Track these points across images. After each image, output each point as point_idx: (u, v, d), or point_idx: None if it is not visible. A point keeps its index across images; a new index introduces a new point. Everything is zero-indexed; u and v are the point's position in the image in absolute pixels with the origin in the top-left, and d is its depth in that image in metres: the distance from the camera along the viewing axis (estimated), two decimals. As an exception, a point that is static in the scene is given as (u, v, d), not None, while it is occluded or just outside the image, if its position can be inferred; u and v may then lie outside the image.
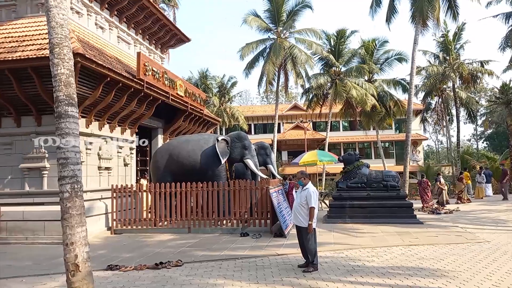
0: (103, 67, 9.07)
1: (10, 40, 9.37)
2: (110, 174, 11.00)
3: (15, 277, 6.01)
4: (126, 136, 11.95)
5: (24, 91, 8.95)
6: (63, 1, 5.25)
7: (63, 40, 5.15)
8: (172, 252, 7.53)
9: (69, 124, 5.10)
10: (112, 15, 12.96)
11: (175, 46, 17.86)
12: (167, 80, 12.46)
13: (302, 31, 26.43)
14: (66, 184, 4.91)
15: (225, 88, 35.99)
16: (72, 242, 4.71)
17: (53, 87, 5.04)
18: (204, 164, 10.92)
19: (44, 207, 9.18)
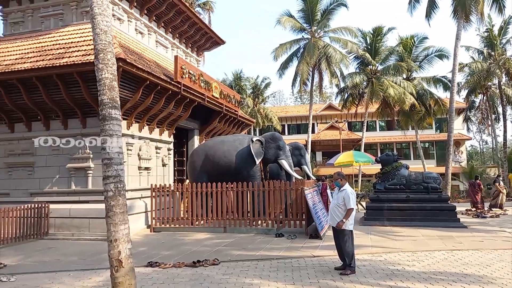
0: (143, 71, 9.40)
1: (58, 47, 9.95)
2: (149, 174, 11.37)
3: (63, 271, 6.36)
4: (164, 137, 12.31)
5: (71, 95, 9.46)
6: (107, 8, 5.51)
7: (107, 46, 5.40)
8: (209, 251, 7.66)
9: (113, 126, 5.31)
10: (151, 21, 13.42)
11: (210, 48, 18.18)
12: (203, 82, 12.72)
13: (337, 29, 26.00)
14: (110, 184, 5.12)
15: (258, 89, 36.14)
16: (116, 239, 4.92)
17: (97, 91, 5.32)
18: (239, 164, 11.03)
19: (89, 205, 9.66)
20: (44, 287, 5.45)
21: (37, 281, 5.80)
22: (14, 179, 10.43)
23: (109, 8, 5.63)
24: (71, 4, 11.44)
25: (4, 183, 10.49)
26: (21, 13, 12.01)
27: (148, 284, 5.48)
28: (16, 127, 10.54)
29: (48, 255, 7.71)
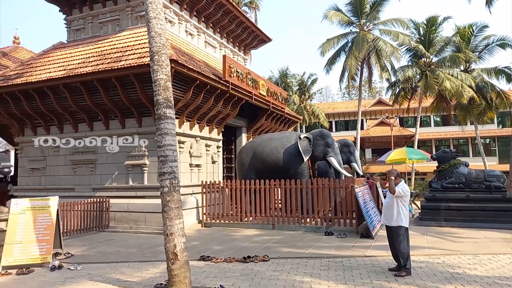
0: (193, 71, 9.70)
1: (115, 51, 10.57)
2: (200, 171, 11.73)
3: (123, 262, 6.77)
4: (214, 135, 12.62)
5: (127, 96, 10.00)
6: (161, 12, 5.75)
7: (161, 48, 5.63)
8: (258, 247, 7.75)
9: (167, 124, 5.54)
10: (200, 22, 13.79)
11: (257, 47, 18.31)
12: (250, 81, 12.84)
13: (388, 21, 24.99)
14: (165, 180, 5.35)
15: (305, 86, 35.77)
16: (172, 233, 5.15)
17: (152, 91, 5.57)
18: (287, 162, 11.02)
19: (144, 200, 10.18)
20: (107, 276, 5.83)
21: (100, 270, 6.22)
22: (78, 175, 11.26)
23: (163, 11, 5.85)
24: (127, 10, 12.10)
25: (69, 179, 11.37)
26: (82, 20, 12.91)
27: (202, 277, 5.66)
28: (79, 127, 11.36)
29: (109, 247, 8.24)
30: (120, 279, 5.64)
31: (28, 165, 12.04)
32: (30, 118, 11.73)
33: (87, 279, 5.67)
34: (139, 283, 5.44)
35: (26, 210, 6.83)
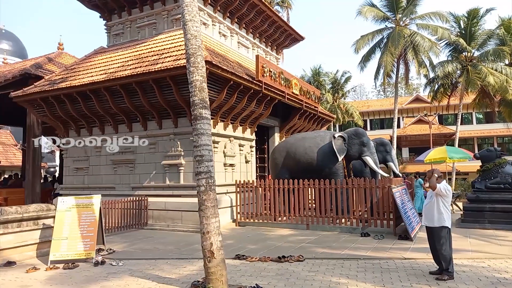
0: (227, 72, 9.82)
1: (152, 54, 10.90)
2: (233, 170, 11.85)
3: (162, 259, 6.97)
4: (247, 135, 12.71)
5: (164, 98, 10.28)
6: (196, 14, 5.87)
7: (197, 50, 5.75)
8: (293, 247, 7.72)
9: (203, 125, 5.65)
10: (233, 23, 13.93)
11: (289, 46, 18.24)
12: (283, 80, 12.82)
13: (425, 15, 24.04)
14: (202, 179, 5.46)
15: (338, 84, 35.18)
16: (208, 231, 5.24)
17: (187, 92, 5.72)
18: (321, 161, 10.90)
19: (181, 199, 10.43)
20: (146, 272, 6.04)
21: (140, 266, 6.45)
22: (119, 174, 11.72)
23: (198, 14, 5.97)
24: (163, 14, 12.45)
25: (110, 178, 11.86)
26: (121, 25, 13.43)
27: (237, 275, 5.73)
28: (119, 128, 11.83)
29: (148, 244, 8.52)
30: (159, 276, 5.82)
31: (73, 165, 12.69)
32: (74, 120, 12.34)
33: (128, 275, 5.90)
34: (177, 280, 5.59)
35: (72, 207, 7.21)
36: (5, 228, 6.78)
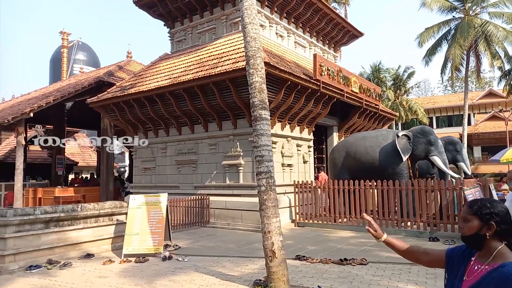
0: (284, 72, 9.84)
1: (212, 58, 11.28)
2: (291, 170, 11.84)
3: (224, 256, 7.18)
4: (305, 135, 12.61)
5: (224, 100, 10.59)
6: (255, 17, 5.97)
7: (256, 52, 5.84)
8: (355, 249, 7.51)
9: (263, 125, 5.72)
10: (290, 23, 13.93)
11: (348, 43, 17.78)
12: (342, 78, 12.53)
13: (498, 3, 22.04)
14: (262, 179, 5.54)
15: (400, 80, 33.46)
16: (269, 231, 5.30)
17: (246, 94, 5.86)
18: (383, 161, 10.46)
19: (241, 198, 10.65)
20: (210, 269, 6.26)
21: (204, 263, 6.70)
22: (182, 174, 12.30)
23: (257, 16, 6.06)
24: (222, 18, 12.84)
25: (175, 178, 12.49)
26: (183, 32, 14.09)
27: (298, 276, 5.71)
28: (182, 130, 12.41)
29: (210, 241, 8.82)
30: (222, 273, 6.00)
31: (141, 165, 13.56)
32: (142, 123, 13.19)
33: (194, 271, 6.16)
34: (239, 278, 5.72)
35: (142, 205, 7.71)
36: (85, 223, 7.44)
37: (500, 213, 1.63)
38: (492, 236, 1.62)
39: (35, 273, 6.15)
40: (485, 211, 1.65)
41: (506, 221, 1.63)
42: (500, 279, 1.49)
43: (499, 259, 1.58)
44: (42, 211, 6.85)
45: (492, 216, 1.63)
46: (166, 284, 5.49)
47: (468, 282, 1.63)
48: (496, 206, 1.65)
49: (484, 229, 1.63)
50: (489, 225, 1.62)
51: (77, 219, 7.32)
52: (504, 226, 1.61)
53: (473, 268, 1.65)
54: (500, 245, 1.62)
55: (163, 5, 13.83)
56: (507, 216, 1.63)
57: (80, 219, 7.37)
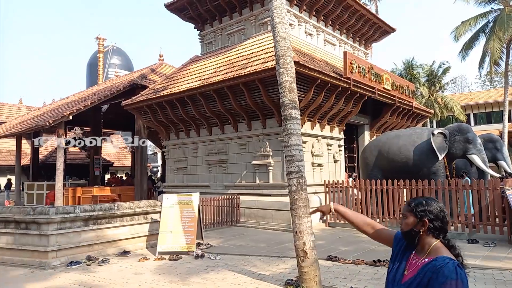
0: (314, 71, 9.76)
1: (241, 58, 11.37)
2: (322, 170, 11.72)
3: (255, 255, 7.22)
4: (335, 134, 12.45)
5: (253, 100, 10.64)
6: (285, 16, 5.96)
7: (286, 51, 5.83)
8: (388, 251, 7.24)
9: (293, 125, 5.71)
10: (319, 21, 13.79)
11: (379, 39, 17.36)
12: (373, 75, 12.26)
13: (542, -9, 20.79)
14: (293, 179, 5.52)
15: (435, 76, 32.25)
16: (301, 231, 5.28)
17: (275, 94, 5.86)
18: (418, 160, 10.13)
19: (270, 198, 10.67)
20: (242, 268, 6.32)
21: (235, 261, 6.77)
22: (213, 174, 12.48)
23: (287, 16, 6.05)
24: (250, 19, 12.91)
25: (205, 177, 12.69)
26: (213, 33, 14.30)
27: (330, 277, 5.65)
28: (213, 130, 12.59)
29: (241, 240, 8.90)
30: (254, 272, 6.03)
31: (173, 165, 13.88)
32: (174, 124, 13.50)
33: (226, 269, 6.24)
34: (270, 277, 5.73)
35: (175, 204, 7.90)
36: (121, 221, 7.72)
37: (433, 211, 1.72)
38: (426, 233, 1.73)
39: (76, 268, 6.44)
40: (420, 209, 1.74)
41: (439, 218, 1.72)
42: (432, 272, 1.60)
43: (433, 254, 1.68)
44: (81, 209, 7.17)
45: (426, 213, 1.72)
46: (199, 281, 5.60)
47: (408, 275, 1.72)
48: (431, 204, 1.74)
49: (418, 225, 1.73)
50: (423, 222, 1.72)
51: (114, 217, 7.61)
52: (437, 223, 1.71)
53: (412, 262, 1.75)
54: (435, 241, 1.71)
55: (193, 8, 14.09)
56: (441, 214, 1.73)
57: (116, 217, 7.66)
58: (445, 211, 1.76)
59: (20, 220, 6.89)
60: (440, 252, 1.67)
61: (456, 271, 1.56)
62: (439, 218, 1.72)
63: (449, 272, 1.56)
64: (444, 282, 1.55)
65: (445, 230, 1.73)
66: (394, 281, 1.78)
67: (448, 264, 1.59)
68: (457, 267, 1.58)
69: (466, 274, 1.60)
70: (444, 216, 1.74)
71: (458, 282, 1.54)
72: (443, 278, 1.55)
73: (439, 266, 1.59)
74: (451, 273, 1.56)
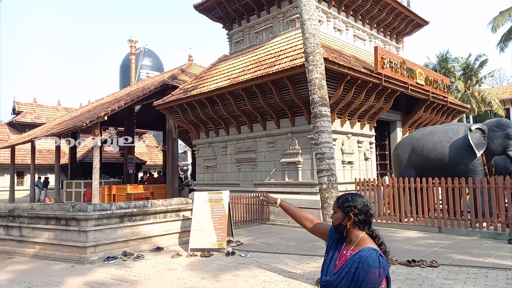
0: (343, 67, 9.60)
1: (270, 57, 11.36)
2: (352, 168, 11.52)
3: (285, 253, 7.21)
4: (365, 131, 12.19)
5: (281, 98, 10.61)
6: (314, 13, 5.90)
7: (315, 48, 5.79)
8: (423, 251, 7.12)
9: (323, 122, 5.66)
10: (348, 16, 13.54)
11: (411, 32, 16.83)
12: (405, 70, 11.90)
13: None
14: (323, 177, 5.48)
15: (471, 70, 30.86)
16: (332, 229, 5.22)
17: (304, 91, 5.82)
18: (454, 157, 9.74)
19: (299, 196, 10.61)
20: (272, 265, 6.34)
21: (266, 259, 6.79)
22: (242, 172, 12.57)
23: (316, 12, 5.99)
24: (278, 17, 12.88)
25: (235, 175, 12.80)
26: (241, 33, 14.38)
27: (363, 276, 5.55)
28: (242, 128, 12.67)
29: (271, 238, 8.92)
30: (284, 270, 6.04)
31: (203, 163, 14.10)
32: (203, 123, 13.70)
33: (256, 267, 6.28)
34: (301, 275, 5.72)
35: (206, 202, 8.03)
36: (155, 218, 7.94)
37: (358, 206, 1.90)
38: (352, 226, 1.90)
39: (112, 264, 6.70)
40: (346, 204, 1.93)
41: (363, 212, 1.90)
42: (358, 262, 1.77)
43: (360, 245, 1.86)
44: (117, 206, 7.43)
45: (351, 208, 1.90)
46: (230, 278, 5.67)
47: (338, 265, 1.89)
48: (356, 200, 1.92)
49: (345, 219, 1.92)
50: (349, 217, 1.90)
51: (147, 214, 7.84)
52: (361, 217, 1.89)
53: (342, 253, 1.91)
54: (362, 233, 1.89)
55: (222, 8, 14.23)
56: (364, 208, 1.90)
57: (150, 214, 7.88)
58: (368, 205, 1.93)
59: (60, 217, 7.24)
60: (365, 243, 1.85)
61: (379, 260, 1.75)
62: (363, 212, 1.89)
63: (373, 261, 1.74)
64: (368, 271, 1.72)
65: (369, 223, 1.91)
66: (328, 270, 1.94)
67: (372, 254, 1.76)
68: (379, 257, 1.76)
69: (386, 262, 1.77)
70: (368, 210, 1.90)
71: (381, 270, 1.72)
72: (368, 268, 1.73)
73: (364, 257, 1.77)
74: (374, 262, 1.73)
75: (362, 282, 1.74)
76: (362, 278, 1.74)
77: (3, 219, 8.06)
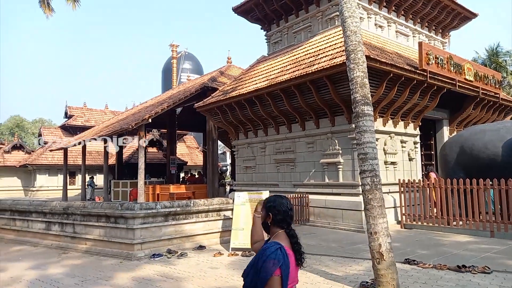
0: (386, 64, 9.32)
1: (308, 56, 11.27)
2: (395, 168, 11.14)
3: (326, 255, 7.12)
4: (410, 130, 11.75)
5: (321, 97, 10.47)
6: (355, 10, 5.78)
7: (357, 46, 5.66)
8: (474, 256, 6.74)
9: (366, 122, 5.52)
10: (390, 12, 13.11)
11: (458, 26, 15.98)
12: (453, 66, 11.33)
13: None
14: (366, 178, 5.34)
15: (526, 63, 28.75)
16: (376, 232, 5.08)
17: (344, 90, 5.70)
18: (508, 157, 9.15)
19: (340, 197, 10.43)
20: (313, 267, 6.28)
21: (307, 260, 6.51)
22: (281, 173, 12.55)
23: (357, 9, 5.86)
24: (317, 15, 12.74)
25: (274, 176, 12.82)
26: (279, 33, 14.39)
27: (409, 281, 5.36)
28: (280, 129, 12.66)
29: (312, 240, 8.83)
30: (326, 272, 5.96)
31: (242, 164, 14.25)
32: (242, 124, 13.85)
33: (297, 267, 6.25)
34: (344, 278, 5.62)
35: (246, 202, 8.11)
36: (197, 218, 8.15)
37: (277, 207, 2.16)
38: (272, 224, 2.17)
39: (158, 261, 6.95)
40: (268, 205, 2.21)
41: (281, 213, 2.16)
42: (260, 254, 2.02)
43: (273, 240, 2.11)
44: (162, 205, 7.71)
45: (271, 208, 2.18)
46: (271, 278, 5.69)
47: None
48: (277, 201, 2.20)
49: (268, 218, 2.19)
50: (269, 215, 2.17)
51: (190, 213, 8.06)
52: (279, 216, 2.16)
53: None
54: (280, 231, 2.14)
55: (260, 9, 14.31)
56: (282, 208, 2.17)
57: (192, 213, 8.10)
58: (288, 207, 2.19)
59: (110, 215, 7.63)
60: (277, 239, 2.08)
61: (276, 252, 1.94)
62: (281, 213, 2.15)
63: (270, 253, 1.95)
64: (264, 260, 1.94)
65: (287, 222, 2.15)
66: None
67: (272, 247, 1.98)
68: (279, 250, 1.96)
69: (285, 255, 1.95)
70: (286, 211, 2.16)
71: (275, 261, 1.91)
72: (264, 257, 1.95)
73: (265, 248, 2.01)
74: (271, 253, 1.94)
75: (260, 270, 1.94)
76: (259, 267, 1.95)
77: (58, 217, 8.63)
